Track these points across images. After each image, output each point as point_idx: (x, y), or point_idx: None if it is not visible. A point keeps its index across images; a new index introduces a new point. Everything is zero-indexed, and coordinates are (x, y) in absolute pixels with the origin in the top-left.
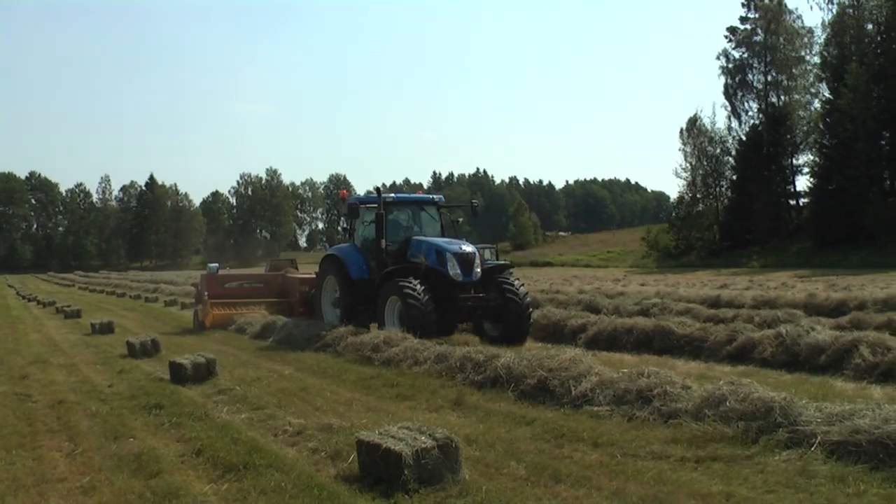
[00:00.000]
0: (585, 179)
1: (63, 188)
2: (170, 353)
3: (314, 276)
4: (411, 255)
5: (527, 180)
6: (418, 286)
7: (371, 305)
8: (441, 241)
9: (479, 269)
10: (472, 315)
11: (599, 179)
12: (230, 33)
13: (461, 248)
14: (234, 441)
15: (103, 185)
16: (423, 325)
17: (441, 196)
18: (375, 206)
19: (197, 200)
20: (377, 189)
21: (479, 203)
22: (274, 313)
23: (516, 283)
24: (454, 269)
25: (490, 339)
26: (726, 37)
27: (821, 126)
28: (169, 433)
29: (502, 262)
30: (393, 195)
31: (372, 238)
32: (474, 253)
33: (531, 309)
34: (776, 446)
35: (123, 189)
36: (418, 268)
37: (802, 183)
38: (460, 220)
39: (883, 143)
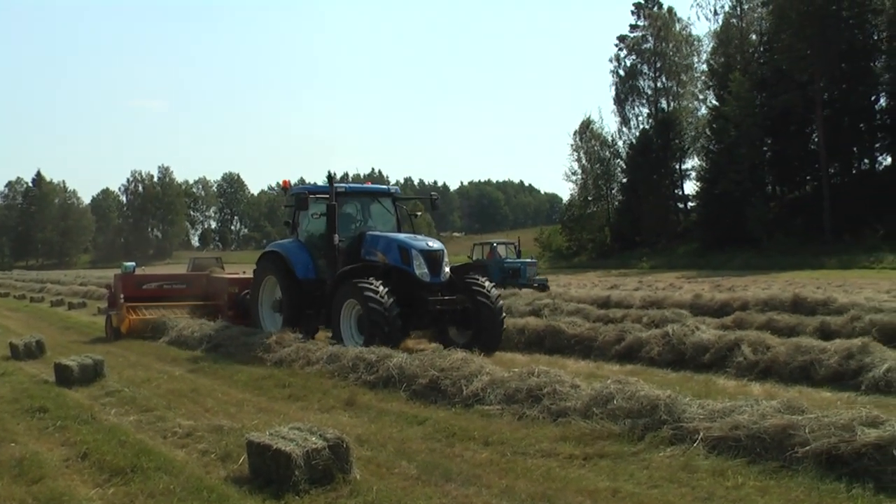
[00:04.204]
0: (480, 181)
1: None
2: (55, 355)
3: (244, 275)
4: (366, 253)
5: (422, 181)
6: (380, 287)
7: (320, 309)
8: (403, 236)
9: (447, 269)
10: (438, 320)
11: (494, 181)
12: (121, 26)
13: (427, 245)
14: (121, 444)
15: None
16: (387, 331)
17: (397, 187)
18: (325, 196)
19: (86, 198)
20: (329, 177)
21: (437, 196)
22: (199, 317)
23: (487, 284)
24: (420, 269)
25: (457, 347)
26: (616, 45)
27: (707, 132)
28: (53, 437)
29: (528, 259)
30: (345, 185)
31: (319, 233)
32: (442, 250)
33: (504, 313)
34: (661, 443)
35: (9, 185)
36: (377, 267)
37: (690, 187)
38: (419, 213)
39: (765, 149)
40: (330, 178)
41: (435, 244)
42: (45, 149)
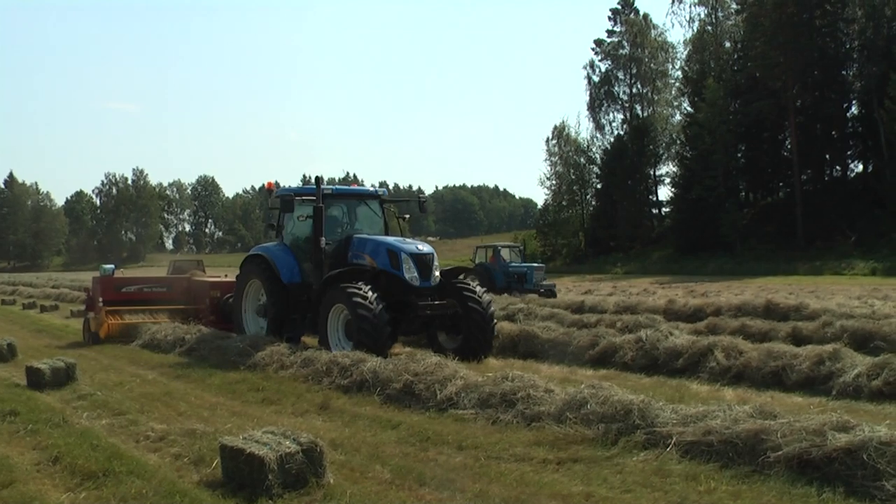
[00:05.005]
0: (454, 185)
1: None
2: (27, 358)
3: (225, 278)
4: (353, 256)
5: (397, 185)
6: (368, 292)
7: (306, 314)
8: (392, 239)
9: (437, 273)
10: (428, 326)
11: (468, 185)
12: (95, 27)
13: (417, 248)
14: (93, 448)
15: None
16: (376, 336)
17: (385, 189)
18: (311, 198)
19: (59, 200)
20: (316, 179)
21: (426, 198)
22: (180, 322)
23: (478, 288)
24: (410, 273)
25: (446, 353)
26: (593, 49)
27: (681, 138)
28: (24, 441)
29: (535, 263)
30: (332, 187)
31: (304, 236)
32: (432, 254)
33: (495, 318)
34: (634, 447)
35: None
36: (366, 271)
37: (664, 192)
38: (407, 216)
39: (739, 155)
40: (317, 179)
41: (425, 247)
42: (18, 150)
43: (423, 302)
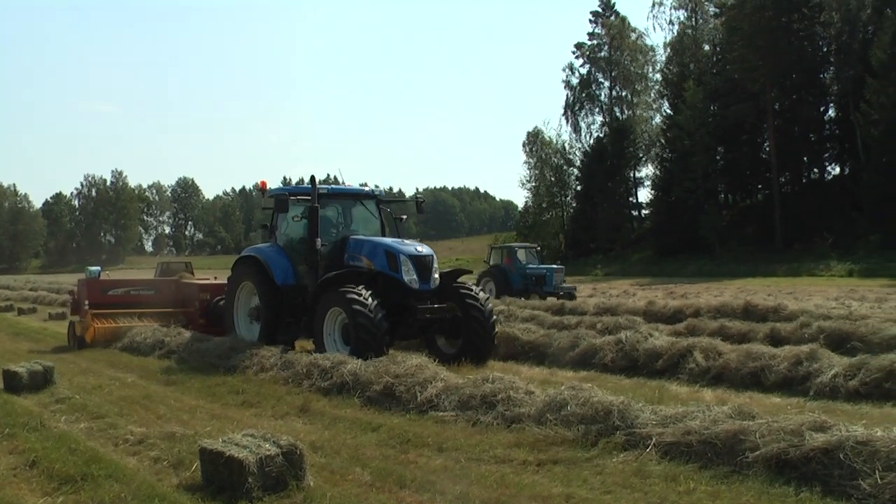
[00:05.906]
0: (435, 187)
1: None
2: (4, 361)
3: (215, 281)
4: (350, 258)
5: (377, 187)
6: (366, 293)
7: (301, 317)
8: (390, 240)
9: (437, 276)
10: (427, 329)
11: (449, 188)
12: (73, 27)
13: (416, 250)
14: (71, 452)
15: None
16: (374, 341)
17: (381, 189)
18: (306, 198)
19: (38, 202)
20: (312, 178)
21: (423, 198)
22: (169, 325)
23: (477, 291)
24: (409, 275)
25: (446, 357)
26: (573, 52)
27: (661, 140)
28: (1, 445)
29: (554, 265)
30: (327, 187)
31: (299, 237)
32: (432, 255)
33: (495, 321)
34: (614, 448)
35: None
36: (363, 273)
37: (644, 194)
38: (404, 217)
39: (718, 157)
40: (312, 179)
41: (424, 249)
42: None
43: (422, 305)
